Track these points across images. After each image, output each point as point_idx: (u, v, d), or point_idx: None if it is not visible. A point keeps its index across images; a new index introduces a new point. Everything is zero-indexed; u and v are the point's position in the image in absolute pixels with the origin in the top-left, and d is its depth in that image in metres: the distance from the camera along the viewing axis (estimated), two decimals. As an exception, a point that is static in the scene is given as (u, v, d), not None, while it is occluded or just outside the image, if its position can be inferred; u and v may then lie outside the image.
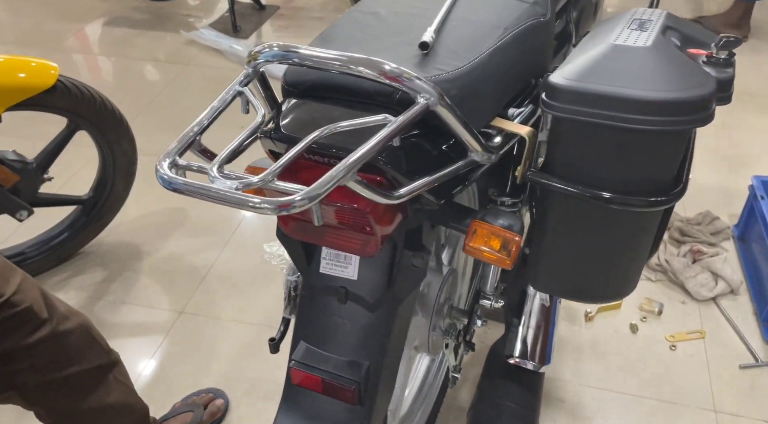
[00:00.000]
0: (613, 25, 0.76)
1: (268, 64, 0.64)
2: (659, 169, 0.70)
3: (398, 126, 0.56)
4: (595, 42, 0.74)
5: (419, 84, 0.58)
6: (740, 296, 1.60)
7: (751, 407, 1.37)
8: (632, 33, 0.72)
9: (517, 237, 0.73)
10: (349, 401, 0.80)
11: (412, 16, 0.81)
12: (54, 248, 1.75)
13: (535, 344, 0.99)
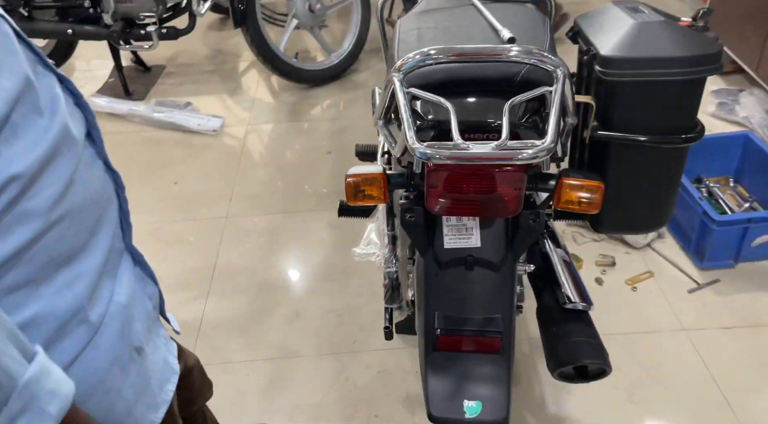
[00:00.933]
0: (615, 12, 1.01)
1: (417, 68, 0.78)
2: (686, 116, 0.95)
3: (560, 93, 0.74)
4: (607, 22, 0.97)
5: (557, 60, 0.76)
6: (666, 238, 1.97)
7: (709, 319, 1.71)
8: (636, 14, 0.98)
9: (601, 184, 0.93)
10: (495, 350, 0.93)
11: (458, 26, 0.99)
12: None
13: (577, 289, 1.18)
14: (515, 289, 0.96)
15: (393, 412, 1.56)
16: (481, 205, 0.85)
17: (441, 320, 0.94)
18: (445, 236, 0.94)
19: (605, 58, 0.90)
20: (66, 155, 0.51)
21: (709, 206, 1.79)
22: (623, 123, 0.94)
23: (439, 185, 0.83)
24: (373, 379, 1.65)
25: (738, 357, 1.60)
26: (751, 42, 2.41)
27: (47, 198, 0.49)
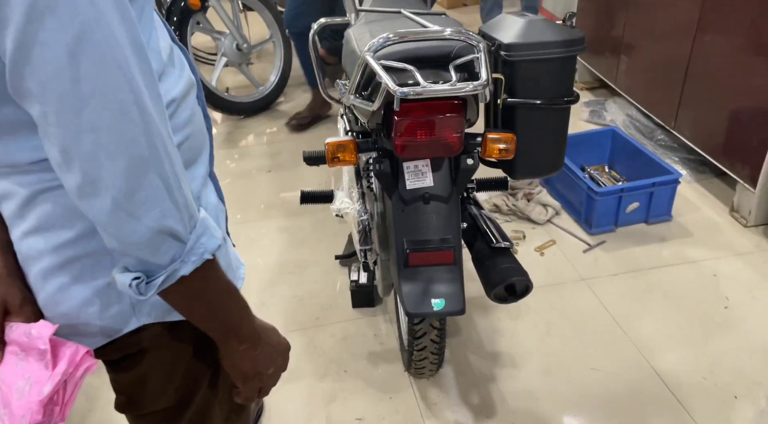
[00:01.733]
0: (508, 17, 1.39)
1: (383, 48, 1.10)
2: (566, 85, 1.33)
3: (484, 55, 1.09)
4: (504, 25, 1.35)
5: (478, 37, 1.11)
6: (562, 215, 2.41)
7: (600, 270, 2.12)
8: (524, 17, 1.36)
9: (514, 136, 1.29)
10: (450, 261, 1.24)
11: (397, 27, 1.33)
12: None
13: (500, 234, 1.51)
14: (460, 216, 1.28)
15: (359, 367, 1.81)
16: (435, 146, 1.18)
17: (409, 243, 1.24)
18: (407, 180, 1.25)
19: (507, 45, 1.27)
20: (191, 94, 0.76)
21: (593, 183, 2.24)
22: (523, 92, 1.31)
23: (403, 132, 1.15)
24: (338, 344, 1.89)
25: (623, 294, 2.01)
26: (609, 61, 2.98)
27: (185, 118, 0.74)
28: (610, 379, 1.72)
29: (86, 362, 0.67)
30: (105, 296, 0.70)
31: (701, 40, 2.34)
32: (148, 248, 0.61)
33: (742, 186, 2.24)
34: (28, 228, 0.68)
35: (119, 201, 0.57)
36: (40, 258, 0.69)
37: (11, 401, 0.66)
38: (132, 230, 0.59)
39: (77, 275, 0.69)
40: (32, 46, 0.52)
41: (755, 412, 1.60)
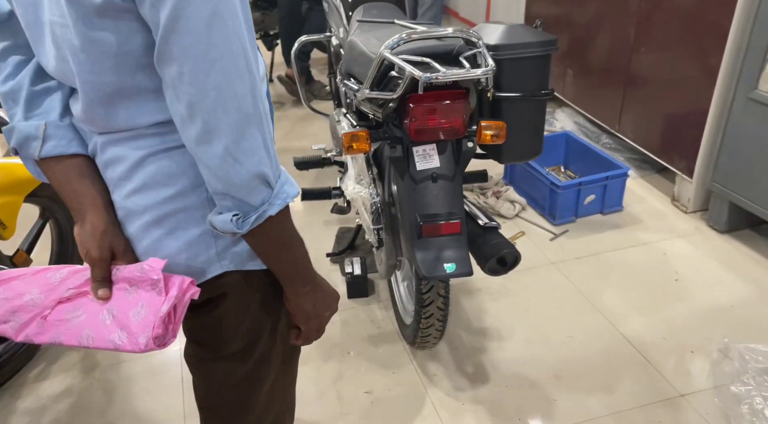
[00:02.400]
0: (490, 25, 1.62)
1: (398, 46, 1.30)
2: (542, 80, 1.57)
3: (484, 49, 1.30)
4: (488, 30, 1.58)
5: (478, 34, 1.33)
6: (528, 210, 2.65)
7: (566, 254, 2.37)
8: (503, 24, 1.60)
9: (503, 123, 1.50)
10: (457, 231, 1.43)
11: (394, 31, 1.53)
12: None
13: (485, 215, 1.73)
14: (463, 192, 1.48)
15: (361, 348, 1.96)
16: (444, 129, 1.37)
17: (421, 217, 1.42)
18: (417, 162, 1.44)
19: (494, 46, 1.50)
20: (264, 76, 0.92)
21: (555, 178, 2.50)
22: (509, 86, 1.54)
23: (417, 118, 1.35)
24: (338, 331, 2.04)
25: (588, 274, 2.26)
26: (556, 74, 3.30)
27: (265, 91, 0.90)
28: (584, 344, 1.94)
29: (191, 290, 0.81)
30: (195, 246, 0.83)
31: (637, 53, 2.68)
32: (246, 189, 0.73)
33: (681, 178, 2.56)
34: (134, 187, 0.81)
35: (229, 148, 0.71)
36: (143, 214, 0.82)
37: (129, 324, 0.80)
38: (236, 172, 0.72)
39: (173, 227, 0.82)
40: (180, 18, 0.66)
41: (709, 362, 1.85)
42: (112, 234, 0.83)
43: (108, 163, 0.83)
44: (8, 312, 0.83)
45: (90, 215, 0.82)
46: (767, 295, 2.10)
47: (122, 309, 0.81)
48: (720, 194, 2.38)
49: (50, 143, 0.82)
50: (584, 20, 3.04)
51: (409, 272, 1.93)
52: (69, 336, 0.82)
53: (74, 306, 0.82)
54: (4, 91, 0.84)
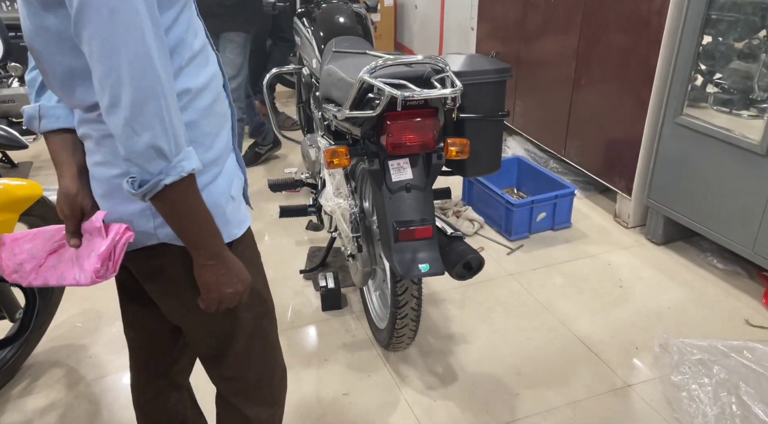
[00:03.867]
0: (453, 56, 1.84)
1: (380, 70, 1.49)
2: (499, 103, 1.78)
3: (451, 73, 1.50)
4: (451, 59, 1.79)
5: (445, 60, 1.53)
6: (486, 228, 2.86)
7: (523, 267, 2.57)
8: (463, 54, 1.81)
9: (467, 141, 1.70)
10: (430, 235, 1.60)
11: (368, 60, 1.73)
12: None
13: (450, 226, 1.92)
14: (433, 200, 1.65)
15: (337, 355, 2.08)
16: (417, 143, 1.55)
17: (397, 223, 1.58)
18: (392, 174, 1.61)
19: (457, 72, 1.70)
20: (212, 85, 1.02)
21: (510, 198, 2.72)
22: (470, 108, 1.74)
23: (393, 134, 1.53)
24: (315, 340, 2.16)
25: (543, 283, 2.47)
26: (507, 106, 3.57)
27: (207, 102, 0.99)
28: (542, 344, 2.13)
29: (127, 233, 0.97)
30: (136, 218, 0.99)
31: (578, 86, 2.97)
32: (143, 158, 0.86)
33: (621, 196, 2.83)
34: (96, 160, 0.99)
35: (128, 119, 0.84)
36: (102, 183, 0.99)
37: (84, 264, 1.00)
38: (134, 142, 0.85)
39: (119, 200, 0.98)
40: (88, 7, 0.81)
41: (651, 356, 2.06)
42: (82, 196, 1.01)
43: (82, 136, 1.00)
44: (17, 264, 1.06)
45: (65, 180, 1.01)
46: (698, 297, 2.35)
47: (82, 254, 1.01)
48: (656, 210, 2.65)
49: (44, 121, 1.02)
50: (530, 56, 3.33)
51: (382, 281, 2.08)
52: (52, 278, 1.04)
53: (58, 255, 1.05)
54: (28, 79, 1.06)
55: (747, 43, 2.18)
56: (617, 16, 2.65)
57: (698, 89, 2.38)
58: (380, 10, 5.31)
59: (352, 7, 2.33)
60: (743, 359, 1.92)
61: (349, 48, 2.01)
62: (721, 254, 2.53)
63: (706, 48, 2.30)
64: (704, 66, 2.33)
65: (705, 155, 2.34)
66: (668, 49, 2.45)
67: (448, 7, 4.79)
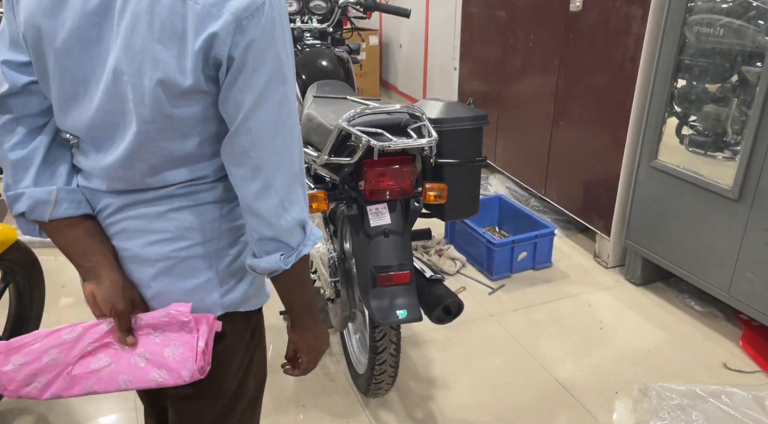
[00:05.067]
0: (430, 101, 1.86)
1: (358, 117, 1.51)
2: (476, 149, 1.81)
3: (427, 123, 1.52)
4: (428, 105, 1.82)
5: (422, 110, 1.55)
6: (468, 267, 2.87)
7: (504, 307, 2.57)
8: (441, 101, 1.84)
9: (445, 185, 1.71)
10: (407, 281, 1.60)
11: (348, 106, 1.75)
12: None
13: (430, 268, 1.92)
14: (411, 246, 1.66)
15: (316, 400, 2.05)
16: (394, 189, 1.56)
17: (375, 268, 1.58)
18: (371, 219, 1.61)
19: (434, 119, 1.73)
20: None
21: (491, 237, 2.73)
22: (448, 154, 1.76)
23: (371, 180, 1.53)
24: (293, 384, 2.13)
25: (524, 324, 2.47)
26: (488, 144, 3.63)
27: None
28: (523, 389, 2.11)
29: (216, 324, 0.94)
30: (202, 290, 0.94)
31: (557, 127, 3.03)
32: (289, 233, 0.89)
33: (601, 236, 2.85)
34: (156, 238, 0.91)
35: (282, 200, 0.87)
36: (158, 261, 0.92)
37: (166, 362, 0.90)
38: (285, 219, 0.88)
39: (184, 274, 0.93)
40: (263, 101, 0.82)
41: (632, 400, 2.05)
42: (130, 288, 0.94)
43: (125, 219, 0.92)
44: (29, 376, 0.90)
45: (107, 273, 0.91)
46: (677, 340, 2.36)
47: (154, 351, 0.91)
48: (634, 251, 2.67)
49: (62, 206, 0.90)
50: (510, 96, 3.40)
51: (361, 325, 2.07)
52: (104, 384, 0.91)
53: (98, 358, 0.91)
54: (15, 158, 0.89)
55: (719, 88, 2.24)
56: (593, 62, 2.72)
57: (674, 132, 2.43)
58: (366, 49, 5.40)
59: (334, 51, 2.36)
60: (721, 404, 1.92)
61: (331, 92, 2.04)
62: (699, 296, 2.55)
63: (680, 91, 2.36)
64: (679, 108, 2.38)
65: (680, 199, 2.38)
66: (642, 93, 2.51)
67: (431, 47, 4.89)
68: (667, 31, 2.33)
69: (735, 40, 2.12)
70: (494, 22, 3.44)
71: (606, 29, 2.62)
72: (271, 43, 0.81)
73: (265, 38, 0.80)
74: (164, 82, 0.80)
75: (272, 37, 0.81)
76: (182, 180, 0.90)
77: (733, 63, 2.15)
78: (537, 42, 3.09)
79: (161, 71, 0.79)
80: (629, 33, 2.50)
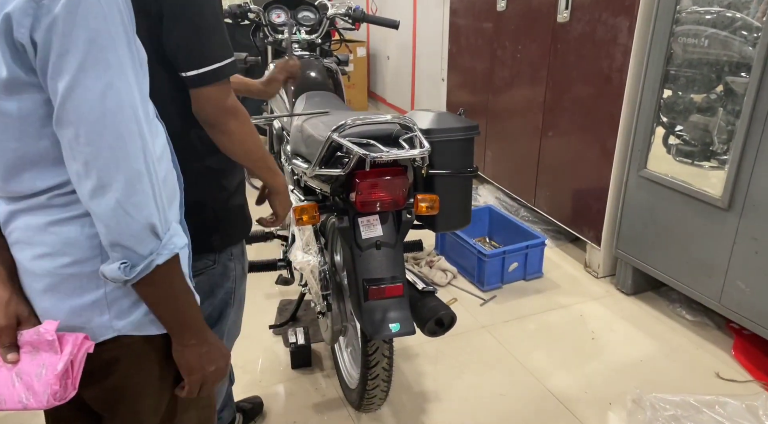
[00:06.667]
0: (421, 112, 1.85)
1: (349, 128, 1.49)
2: (467, 160, 1.80)
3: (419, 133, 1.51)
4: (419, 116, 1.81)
5: (412, 120, 1.54)
6: (459, 278, 2.85)
7: (495, 318, 2.55)
8: (432, 111, 1.83)
9: (436, 196, 1.70)
10: (399, 294, 1.57)
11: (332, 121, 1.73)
12: None
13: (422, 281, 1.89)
14: (403, 258, 1.64)
15: (306, 417, 2.02)
16: (386, 201, 1.55)
17: (367, 281, 1.56)
18: (362, 232, 1.59)
19: (425, 130, 1.72)
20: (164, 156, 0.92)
21: (482, 248, 2.72)
22: (440, 164, 1.75)
23: (363, 192, 1.52)
24: (283, 400, 2.09)
25: (516, 335, 2.45)
26: (477, 155, 3.63)
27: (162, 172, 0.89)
28: (515, 400, 2.09)
29: (85, 344, 0.87)
30: (88, 311, 0.88)
31: (546, 137, 3.03)
32: (135, 239, 0.81)
33: (591, 246, 2.85)
34: (37, 253, 0.86)
35: (120, 201, 0.79)
36: (44, 277, 0.87)
37: (33, 384, 0.86)
38: (127, 224, 0.80)
39: (68, 293, 0.87)
40: (77, 88, 0.75)
41: (625, 411, 2.04)
42: (16, 303, 0.88)
43: (15, 229, 0.88)
44: None
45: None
46: (669, 350, 2.35)
47: (27, 371, 0.87)
48: (624, 260, 2.68)
49: None
50: (499, 106, 3.41)
51: (353, 339, 2.04)
52: None
53: None
54: None
55: (705, 98, 2.26)
56: (581, 72, 2.74)
57: (662, 141, 2.44)
58: (353, 61, 5.41)
59: (323, 62, 2.35)
60: (715, 414, 1.91)
61: (320, 103, 2.02)
62: (690, 305, 2.55)
63: (667, 101, 2.38)
64: (666, 118, 2.40)
65: (669, 208, 2.39)
66: (630, 104, 2.52)
67: (419, 58, 4.91)
68: (654, 42, 2.35)
69: (720, 50, 2.14)
70: (481, 34, 3.45)
71: (593, 40, 2.63)
72: (79, 23, 0.74)
73: (69, 18, 0.73)
74: None
75: (79, 16, 0.74)
76: (51, 185, 0.84)
77: (719, 73, 2.17)
78: (525, 53, 3.10)
79: None
80: (616, 44, 2.51)
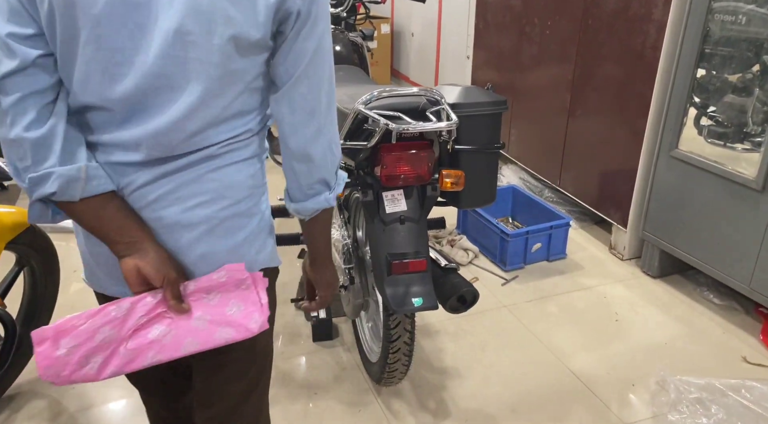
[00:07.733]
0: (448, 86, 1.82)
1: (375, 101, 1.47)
2: (495, 135, 1.77)
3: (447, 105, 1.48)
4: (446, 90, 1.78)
5: (440, 92, 1.51)
6: (480, 257, 2.83)
7: (517, 298, 2.54)
8: (459, 86, 1.80)
9: (462, 172, 1.68)
10: (423, 269, 1.57)
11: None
12: None
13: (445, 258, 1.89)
14: (427, 233, 1.63)
15: (327, 389, 2.03)
16: (411, 175, 1.53)
17: (391, 255, 1.55)
18: (386, 206, 1.58)
19: (452, 104, 1.69)
20: None
21: (505, 228, 2.70)
22: (466, 140, 1.72)
23: (388, 166, 1.50)
24: (305, 372, 2.11)
25: (538, 315, 2.43)
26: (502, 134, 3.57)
27: None
28: (537, 379, 2.08)
29: (264, 281, 0.97)
30: (242, 247, 0.96)
31: (574, 117, 2.98)
32: (331, 174, 0.97)
33: (617, 228, 2.81)
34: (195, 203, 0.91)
35: (330, 142, 0.95)
36: (199, 224, 0.92)
37: (230, 319, 0.92)
38: (331, 161, 0.96)
39: (225, 233, 0.94)
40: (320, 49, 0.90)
41: (649, 393, 2.02)
42: (172, 259, 0.92)
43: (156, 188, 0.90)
44: (83, 357, 0.86)
45: (150, 245, 0.89)
46: (695, 333, 2.32)
47: (214, 312, 0.92)
48: (651, 242, 2.63)
49: (92, 183, 0.86)
50: (525, 85, 3.35)
51: (374, 313, 2.04)
52: (168, 351, 0.90)
53: (153, 329, 0.89)
54: (34, 137, 0.83)
55: (741, 78, 2.19)
56: (612, 50, 2.67)
57: (693, 122, 2.38)
58: (377, 38, 5.35)
59: (348, 36, 2.33)
60: (741, 398, 1.88)
61: (344, 77, 2.00)
62: (718, 289, 2.51)
63: (700, 81, 2.31)
64: (698, 99, 2.33)
65: (701, 189, 2.33)
66: (663, 83, 2.46)
67: (444, 35, 4.83)
68: (690, 18, 2.27)
69: (759, 28, 2.06)
70: (509, 9, 3.38)
71: (626, 16, 2.56)
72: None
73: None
74: (236, 38, 0.83)
75: None
76: (226, 138, 0.91)
77: (757, 52, 2.09)
78: (554, 29, 3.03)
79: (233, 28, 0.82)
80: (651, 20, 2.44)
